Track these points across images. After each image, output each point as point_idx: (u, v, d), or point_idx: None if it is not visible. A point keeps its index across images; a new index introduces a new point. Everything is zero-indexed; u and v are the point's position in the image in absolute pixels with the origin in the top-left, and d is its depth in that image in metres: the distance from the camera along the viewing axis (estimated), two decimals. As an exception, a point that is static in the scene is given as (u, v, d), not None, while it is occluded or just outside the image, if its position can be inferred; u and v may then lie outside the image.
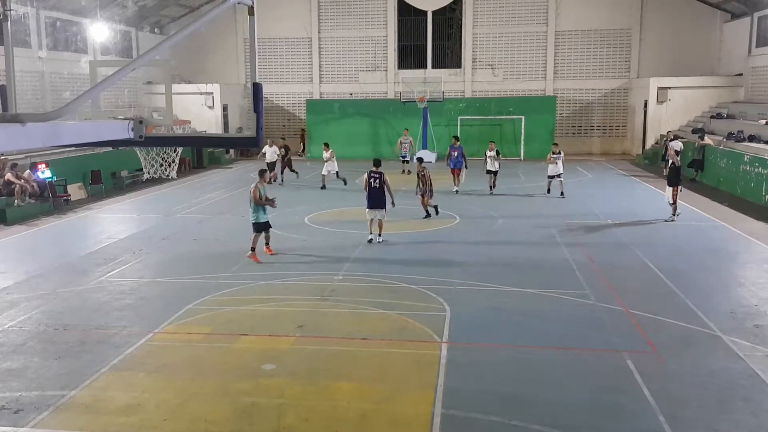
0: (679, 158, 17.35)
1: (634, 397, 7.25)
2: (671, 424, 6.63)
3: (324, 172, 22.73)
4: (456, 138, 21.87)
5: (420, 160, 17.92)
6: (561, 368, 8.03)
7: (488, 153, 21.46)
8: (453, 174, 21.53)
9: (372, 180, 14.11)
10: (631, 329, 9.31)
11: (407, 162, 25.92)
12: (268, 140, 24.05)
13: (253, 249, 12.95)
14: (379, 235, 14.25)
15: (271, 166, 23.56)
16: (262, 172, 13.72)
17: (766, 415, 6.86)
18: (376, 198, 14.06)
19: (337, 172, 22.80)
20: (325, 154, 22.87)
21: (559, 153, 20.61)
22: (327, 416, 6.91)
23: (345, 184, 22.52)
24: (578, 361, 8.27)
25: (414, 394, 7.38)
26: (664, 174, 23.34)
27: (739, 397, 7.24)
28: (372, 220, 14.30)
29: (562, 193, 20.35)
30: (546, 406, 7.07)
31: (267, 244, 13.44)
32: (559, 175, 20.57)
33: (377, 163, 14.76)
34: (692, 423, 6.71)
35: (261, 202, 13.00)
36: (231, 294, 10.99)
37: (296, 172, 24.03)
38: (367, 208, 14.19)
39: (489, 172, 21.43)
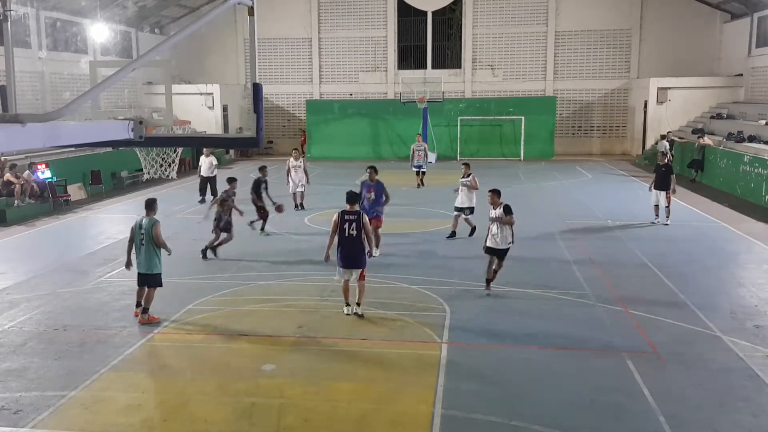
0: (666, 159, 17.03)
1: (634, 397, 7.25)
2: (671, 424, 6.62)
3: (291, 190, 18.27)
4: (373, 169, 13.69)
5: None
6: (561, 368, 8.03)
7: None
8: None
9: (347, 224, 9.64)
10: (631, 329, 9.30)
11: (423, 173, 22.69)
12: (205, 149, 19.94)
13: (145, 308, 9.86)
14: (358, 305, 9.82)
15: (206, 182, 19.94)
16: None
17: (766, 416, 6.86)
18: (351, 250, 9.64)
19: (301, 193, 18.33)
20: (292, 162, 18.31)
21: (470, 176, 14.64)
22: (327, 416, 6.91)
23: (301, 208, 18.47)
24: (578, 361, 8.27)
25: (414, 394, 7.38)
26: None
27: (739, 398, 7.24)
28: (346, 282, 9.85)
29: (473, 230, 14.56)
30: (546, 406, 7.07)
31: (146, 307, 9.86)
32: (465, 210, 14.59)
33: (352, 198, 9.95)
34: (692, 423, 6.71)
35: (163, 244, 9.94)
36: (231, 294, 10.99)
37: (258, 225, 15.43)
38: (339, 266, 9.80)
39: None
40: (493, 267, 10.81)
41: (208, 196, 19.28)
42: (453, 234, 14.75)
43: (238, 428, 6.71)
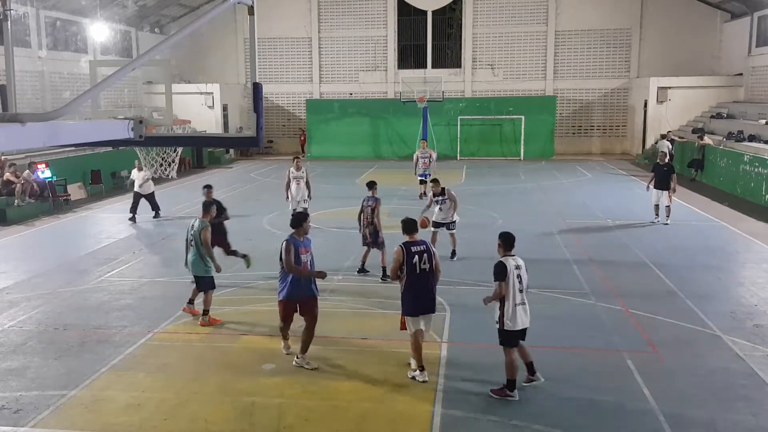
0: (667, 159, 17.01)
1: (634, 397, 7.25)
2: (671, 424, 6.62)
3: (291, 206, 15.43)
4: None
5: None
6: (561, 368, 8.03)
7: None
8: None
9: (416, 257, 7.62)
10: (631, 329, 9.30)
11: (426, 183, 19.42)
12: (137, 161, 17.19)
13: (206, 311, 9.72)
14: (419, 369, 7.66)
15: (140, 199, 17.39)
16: (206, 206, 10.25)
17: (766, 415, 6.86)
18: (426, 290, 7.63)
19: (304, 209, 14.89)
20: (293, 172, 15.50)
21: (442, 194, 12.86)
22: (327, 416, 6.91)
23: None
24: (578, 360, 8.27)
25: (414, 394, 7.38)
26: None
27: (739, 397, 7.23)
28: (418, 334, 7.66)
29: (453, 253, 12.98)
30: (546, 406, 7.07)
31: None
32: (447, 225, 12.99)
33: (411, 226, 8.01)
34: (692, 423, 6.71)
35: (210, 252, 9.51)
36: (231, 294, 10.99)
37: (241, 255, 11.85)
38: (407, 313, 7.67)
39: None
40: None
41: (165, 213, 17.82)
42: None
43: (238, 428, 6.70)
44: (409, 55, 34.94)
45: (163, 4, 32.31)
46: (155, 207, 17.85)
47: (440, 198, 12.94)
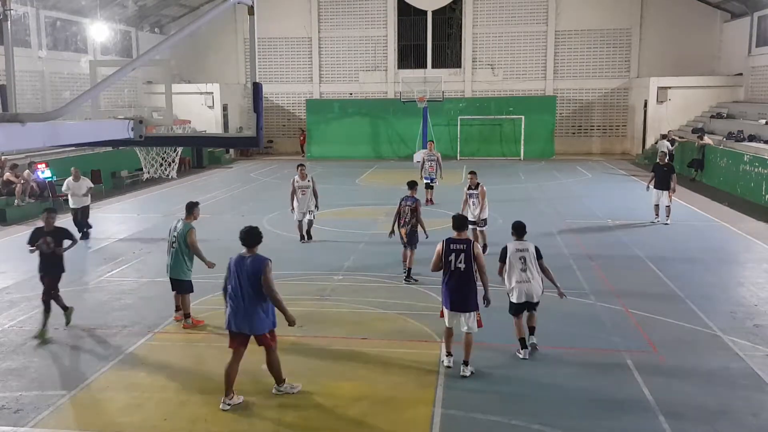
0: (667, 159, 16.99)
1: (634, 397, 7.25)
2: (671, 424, 6.62)
3: (296, 217, 14.44)
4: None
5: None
6: (561, 368, 8.03)
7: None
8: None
9: (452, 255, 7.79)
10: (631, 329, 9.30)
11: (433, 188, 19.14)
12: (73, 168, 15.84)
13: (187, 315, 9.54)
14: (466, 363, 7.85)
15: (78, 214, 15.30)
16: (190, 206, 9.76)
17: (766, 415, 6.86)
18: (458, 288, 7.82)
19: (310, 221, 14.54)
20: (297, 181, 14.33)
21: (477, 187, 13.15)
22: (327, 416, 6.91)
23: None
24: (578, 360, 8.27)
25: (414, 394, 7.38)
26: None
27: (739, 397, 7.23)
28: (449, 329, 8.08)
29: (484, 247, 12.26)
30: (546, 406, 7.07)
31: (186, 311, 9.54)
32: (476, 223, 12.96)
33: (461, 223, 8.14)
34: (692, 423, 6.70)
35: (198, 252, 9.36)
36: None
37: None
38: (445, 306, 8.01)
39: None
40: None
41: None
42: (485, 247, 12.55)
43: (238, 428, 6.70)
44: (409, 55, 34.94)
45: (163, 4, 32.31)
46: (85, 225, 15.13)
47: (473, 192, 13.15)
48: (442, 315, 8.14)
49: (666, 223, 16.13)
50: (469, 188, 13.29)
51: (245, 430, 6.66)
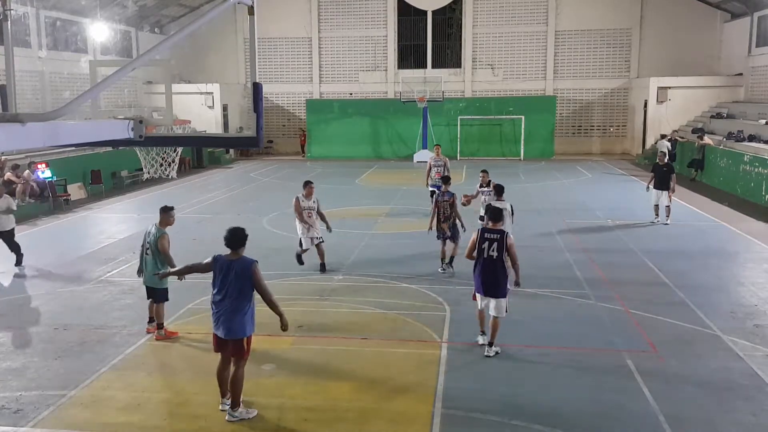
0: (667, 159, 16.95)
1: (634, 397, 7.25)
2: (671, 424, 6.62)
3: (305, 245, 12.26)
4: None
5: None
6: (561, 368, 8.03)
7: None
8: None
9: (486, 244, 8.31)
10: (631, 329, 9.30)
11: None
12: None
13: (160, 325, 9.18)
14: (491, 345, 8.39)
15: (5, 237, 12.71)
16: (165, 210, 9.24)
17: (766, 415, 6.86)
18: (490, 275, 8.30)
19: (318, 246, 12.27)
20: (302, 201, 12.25)
21: (489, 185, 13.00)
22: (327, 416, 6.91)
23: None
24: (578, 360, 8.27)
25: (414, 394, 7.38)
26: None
27: (739, 397, 7.23)
28: (482, 312, 8.65)
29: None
30: (546, 406, 7.07)
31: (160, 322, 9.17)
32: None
33: (496, 215, 8.48)
34: (692, 423, 6.70)
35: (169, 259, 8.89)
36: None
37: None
38: (477, 291, 8.54)
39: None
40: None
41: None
42: None
43: (237, 428, 6.70)
44: (409, 55, 34.94)
45: (163, 4, 32.31)
46: (15, 248, 12.69)
47: (486, 189, 13.21)
48: (474, 298, 8.64)
49: (666, 223, 16.13)
50: (481, 186, 13.48)
51: (245, 431, 6.65)
